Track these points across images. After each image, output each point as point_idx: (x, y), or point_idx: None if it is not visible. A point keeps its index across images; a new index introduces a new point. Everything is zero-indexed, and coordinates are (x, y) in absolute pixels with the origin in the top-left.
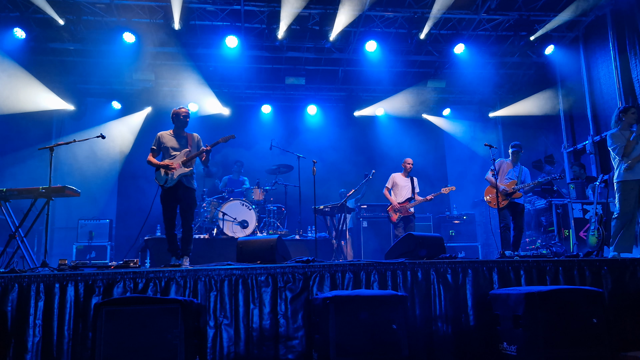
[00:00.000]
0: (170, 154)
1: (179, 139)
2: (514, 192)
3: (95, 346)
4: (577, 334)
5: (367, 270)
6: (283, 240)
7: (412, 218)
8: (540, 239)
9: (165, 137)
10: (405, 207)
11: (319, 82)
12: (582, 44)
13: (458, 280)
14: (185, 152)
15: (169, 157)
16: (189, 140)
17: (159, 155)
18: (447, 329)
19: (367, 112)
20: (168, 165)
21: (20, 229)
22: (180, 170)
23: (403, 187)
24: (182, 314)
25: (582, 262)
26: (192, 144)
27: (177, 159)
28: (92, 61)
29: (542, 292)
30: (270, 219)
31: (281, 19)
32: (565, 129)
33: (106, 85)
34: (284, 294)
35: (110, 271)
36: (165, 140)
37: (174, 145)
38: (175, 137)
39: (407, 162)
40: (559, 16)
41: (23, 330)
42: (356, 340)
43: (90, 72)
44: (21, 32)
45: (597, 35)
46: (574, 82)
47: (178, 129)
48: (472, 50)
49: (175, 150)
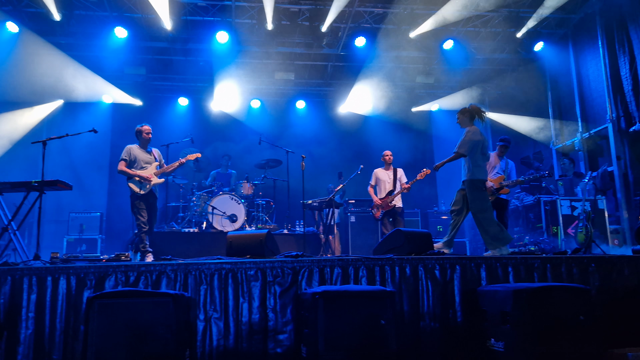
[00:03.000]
0: (142, 166)
1: (146, 153)
2: (501, 187)
3: (87, 338)
4: (565, 330)
5: (356, 265)
6: (272, 235)
7: (397, 211)
8: (528, 235)
9: (135, 150)
10: (386, 201)
11: (308, 77)
12: (571, 41)
13: (446, 276)
14: (155, 165)
15: (140, 168)
16: (154, 154)
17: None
18: (435, 324)
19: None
20: (144, 176)
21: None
22: (155, 181)
23: (385, 181)
24: (174, 308)
25: (570, 259)
26: (157, 157)
27: (149, 170)
28: (83, 55)
29: (530, 288)
30: (259, 213)
31: (271, 14)
32: (553, 126)
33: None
34: (273, 288)
35: (102, 264)
36: (135, 153)
37: (144, 158)
38: (144, 151)
39: (385, 154)
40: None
41: (15, 322)
42: (345, 334)
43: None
44: (14, 25)
45: (586, 33)
46: (563, 78)
47: (143, 145)
48: (461, 46)
49: (146, 162)
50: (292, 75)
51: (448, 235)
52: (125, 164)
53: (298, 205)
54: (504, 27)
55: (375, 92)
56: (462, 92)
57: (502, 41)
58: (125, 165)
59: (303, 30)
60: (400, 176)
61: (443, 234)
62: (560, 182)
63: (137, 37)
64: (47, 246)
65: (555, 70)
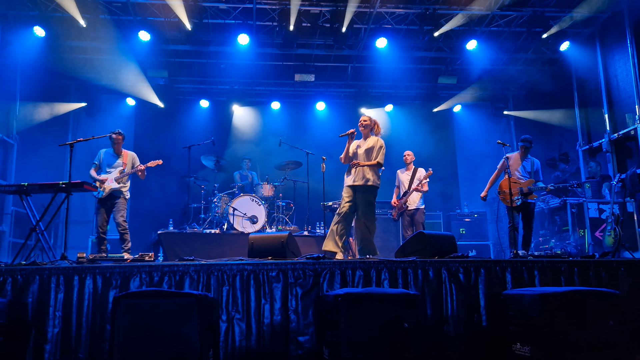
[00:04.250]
0: (107, 170)
1: (116, 157)
2: (530, 192)
3: (113, 337)
4: (593, 336)
5: (378, 268)
6: (293, 237)
7: (414, 212)
8: (554, 238)
9: (103, 154)
10: (400, 202)
11: (328, 78)
12: (598, 40)
13: (470, 280)
14: (119, 170)
15: (106, 172)
16: (124, 159)
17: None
18: (459, 328)
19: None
20: (101, 179)
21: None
22: (111, 186)
23: (404, 182)
24: (198, 308)
25: (598, 262)
26: (126, 162)
27: (111, 175)
28: (108, 58)
29: (558, 293)
30: (279, 215)
31: (292, 16)
32: (580, 126)
33: (121, 82)
34: (295, 289)
35: (127, 264)
36: (103, 157)
37: (110, 162)
38: (114, 155)
39: (405, 154)
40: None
41: (43, 321)
42: (367, 337)
43: (105, 69)
44: (41, 30)
45: (614, 32)
46: (589, 78)
47: (115, 150)
48: (484, 46)
49: (112, 167)
50: (312, 76)
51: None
52: (94, 169)
53: (318, 206)
54: (528, 27)
55: (396, 92)
56: (485, 92)
57: (526, 41)
58: (95, 170)
59: (323, 32)
60: (420, 175)
61: (466, 236)
62: (587, 185)
63: (159, 41)
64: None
65: (581, 70)
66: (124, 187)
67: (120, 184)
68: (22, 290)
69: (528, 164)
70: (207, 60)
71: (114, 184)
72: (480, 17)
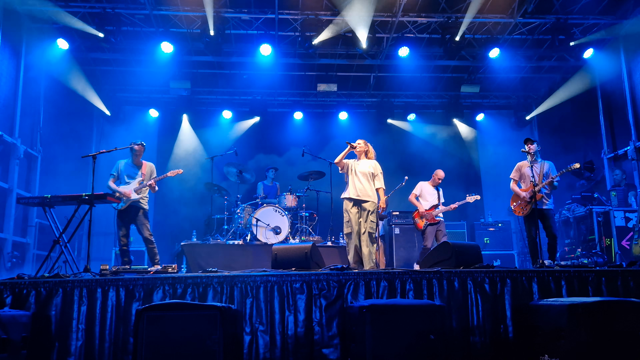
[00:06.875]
0: (126, 181)
1: (135, 168)
2: (534, 195)
3: (136, 351)
4: (623, 347)
5: (402, 278)
6: (317, 247)
7: (440, 223)
8: (580, 247)
9: (122, 165)
10: (432, 213)
11: (351, 88)
12: (622, 47)
13: (496, 290)
14: (138, 181)
15: (125, 183)
16: (143, 170)
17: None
18: (485, 339)
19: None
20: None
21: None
22: (133, 196)
23: (430, 194)
24: (221, 320)
25: (626, 272)
26: (145, 172)
27: (130, 185)
28: (130, 70)
29: (586, 303)
30: (303, 226)
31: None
32: (605, 134)
33: (144, 94)
34: (319, 301)
35: (150, 276)
36: (122, 168)
37: (130, 173)
38: (133, 166)
39: (437, 174)
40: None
41: (66, 334)
42: (393, 349)
43: (128, 81)
44: (64, 42)
45: (638, 39)
46: (614, 86)
47: (135, 161)
48: (507, 54)
49: (130, 178)
50: (334, 86)
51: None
52: (112, 180)
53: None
54: (552, 34)
55: (419, 102)
56: (509, 100)
57: (549, 48)
58: (113, 180)
59: (346, 41)
60: (441, 196)
61: (490, 246)
62: (613, 193)
63: (182, 52)
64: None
65: (606, 77)
66: (143, 199)
67: (139, 194)
68: (46, 303)
69: (538, 167)
70: (230, 71)
71: (134, 195)
72: (503, 25)
